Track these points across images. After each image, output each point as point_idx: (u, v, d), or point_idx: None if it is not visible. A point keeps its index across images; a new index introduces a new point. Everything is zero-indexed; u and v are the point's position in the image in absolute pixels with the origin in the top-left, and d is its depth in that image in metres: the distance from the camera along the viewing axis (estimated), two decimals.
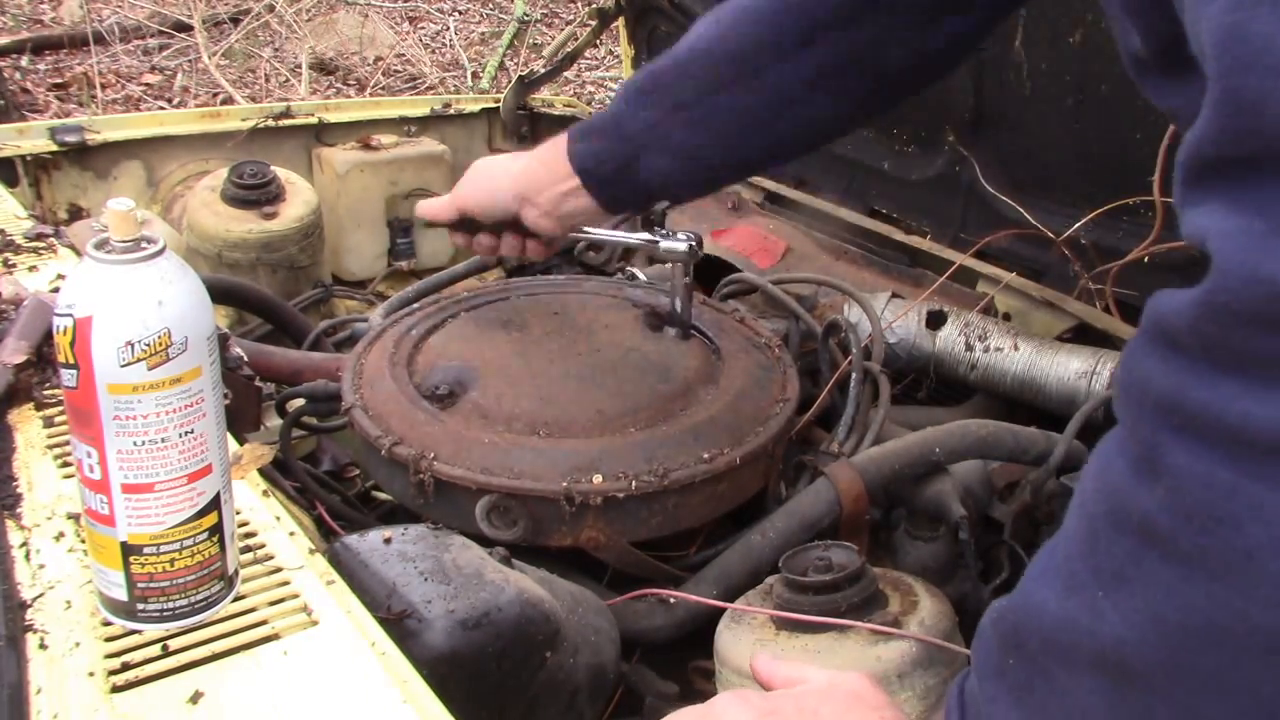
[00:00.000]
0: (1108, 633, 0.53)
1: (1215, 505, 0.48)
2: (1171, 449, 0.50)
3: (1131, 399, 0.53)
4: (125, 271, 0.74)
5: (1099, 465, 0.57)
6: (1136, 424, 0.53)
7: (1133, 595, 0.52)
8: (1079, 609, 0.55)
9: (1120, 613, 0.53)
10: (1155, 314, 0.52)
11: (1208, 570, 0.49)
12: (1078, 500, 0.59)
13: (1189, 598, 0.50)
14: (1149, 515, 0.51)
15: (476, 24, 6.87)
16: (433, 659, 0.88)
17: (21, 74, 5.52)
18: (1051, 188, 1.90)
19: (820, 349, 1.57)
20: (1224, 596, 0.48)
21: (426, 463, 1.17)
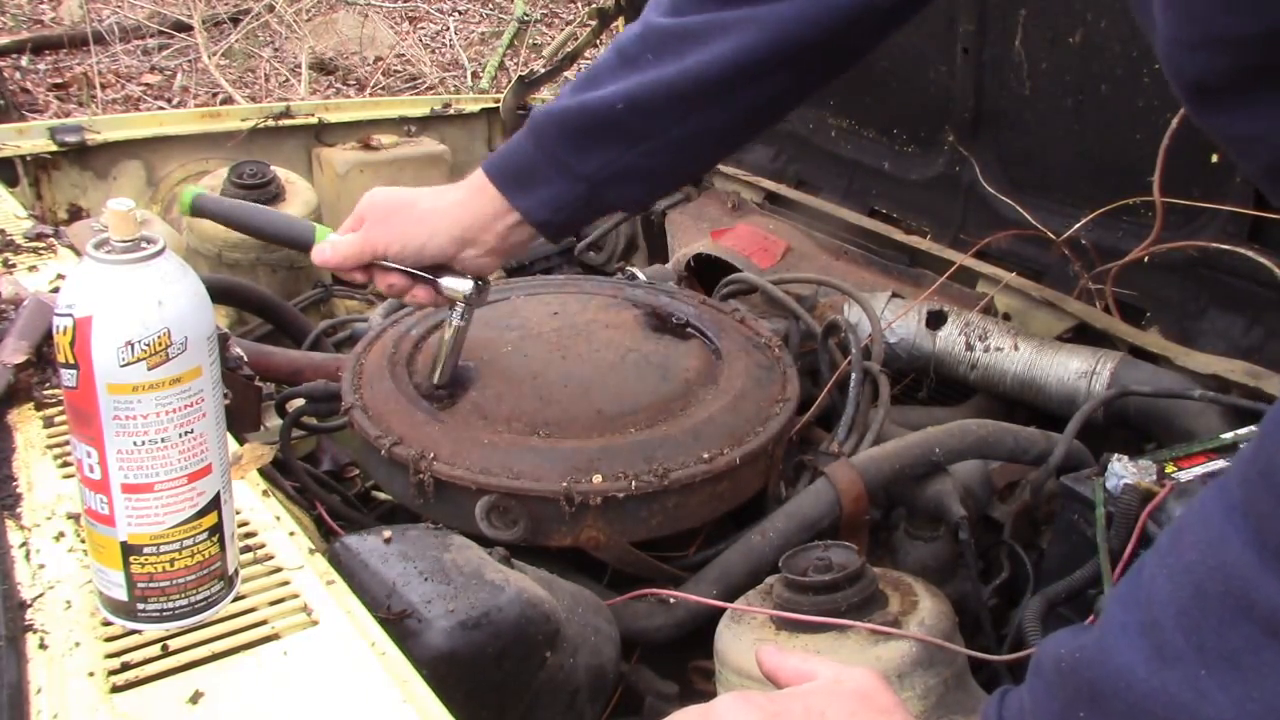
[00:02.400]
0: (1213, 715, 0.52)
1: None
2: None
3: (1273, 486, 0.50)
4: (125, 271, 0.74)
5: (1208, 535, 0.54)
6: (1274, 511, 0.50)
7: (1247, 683, 0.51)
8: (1178, 685, 0.53)
9: (1230, 697, 0.51)
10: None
11: None
12: (1176, 562, 0.56)
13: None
14: (1277, 610, 0.49)
15: (476, 24, 6.87)
16: (433, 659, 0.88)
17: (21, 74, 5.52)
18: (1051, 188, 1.90)
19: (820, 349, 1.57)
20: None
21: (426, 463, 1.17)
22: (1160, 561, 0.57)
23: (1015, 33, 1.77)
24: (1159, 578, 0.57)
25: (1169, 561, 0.57)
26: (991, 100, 1.88)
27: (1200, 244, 1.67)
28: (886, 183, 2.17)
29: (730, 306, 1.60)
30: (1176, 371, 1.54)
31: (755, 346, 1.45)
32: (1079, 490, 1.19)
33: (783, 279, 1.71)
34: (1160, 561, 0.57)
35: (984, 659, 1.00)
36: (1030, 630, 1.10)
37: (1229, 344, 1.65)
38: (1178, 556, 0.56)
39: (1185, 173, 1.67)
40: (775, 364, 1.42)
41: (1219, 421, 1.39)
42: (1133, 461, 1.17)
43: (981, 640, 1.28)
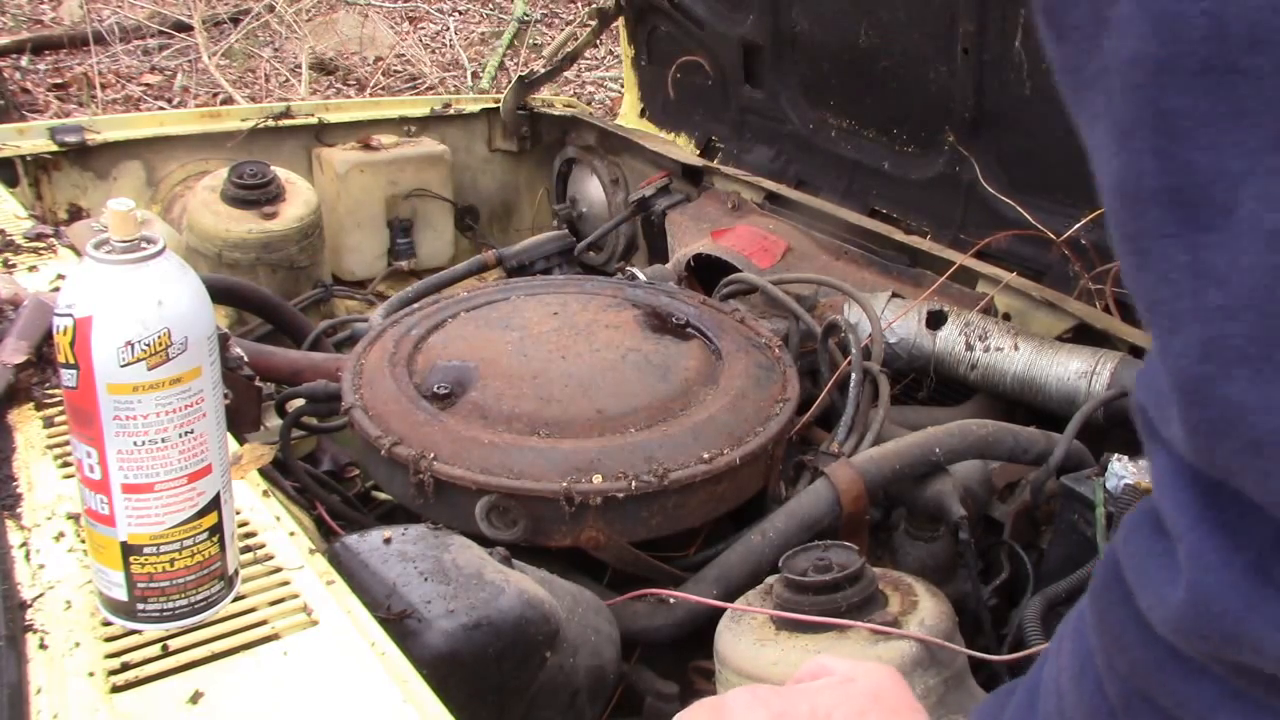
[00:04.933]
0: None
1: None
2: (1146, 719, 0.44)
3: (1104, 636, 0.46)
4: (125, 271, 0.74)
5: (1075, 667, 0.49)
6: (1110, 671, 0.46)
7: None
8: None
9: None
10: (1126, 567, 0.44)
11: None
12: (1050, 688, 0.51)
13: None
14: None
15: (476, 24, 6.87)
16: (433, 659, 0.88)
17: (21, 74, 5.52)
18: (1051, 188, 1.90)
19: (820, 349, 1.57)
20: None
21: (426, 463, 1.17)
22: (1040, 684, 0.53)
23: (1015, 33, 1.77)
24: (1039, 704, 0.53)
25: (1046, 685, 0.53)
26: (991, 100, 1.88)
27: None
28: (886, 183, 2.17)
29: (730, 306, 1.60)
30: None
31: (755, 346, 1.45)
32: (1079, 490, 1.19)
33: (783, 279, 1.71)
34: (1040, 684, 0.53)
35: (984, 659, 1.00)
36: (1030, 630, 1.10)
37: None
38: (1052, 680, 0.52)
39: None
40: (775, 364, 1.42)
41: None
42: (1133, 461, 1.17)
43: (981, 640, 1.28)
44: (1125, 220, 0.37)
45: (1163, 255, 0.36)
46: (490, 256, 2.11)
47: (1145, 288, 0.37)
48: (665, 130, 2.67)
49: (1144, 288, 0.38)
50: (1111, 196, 0.38)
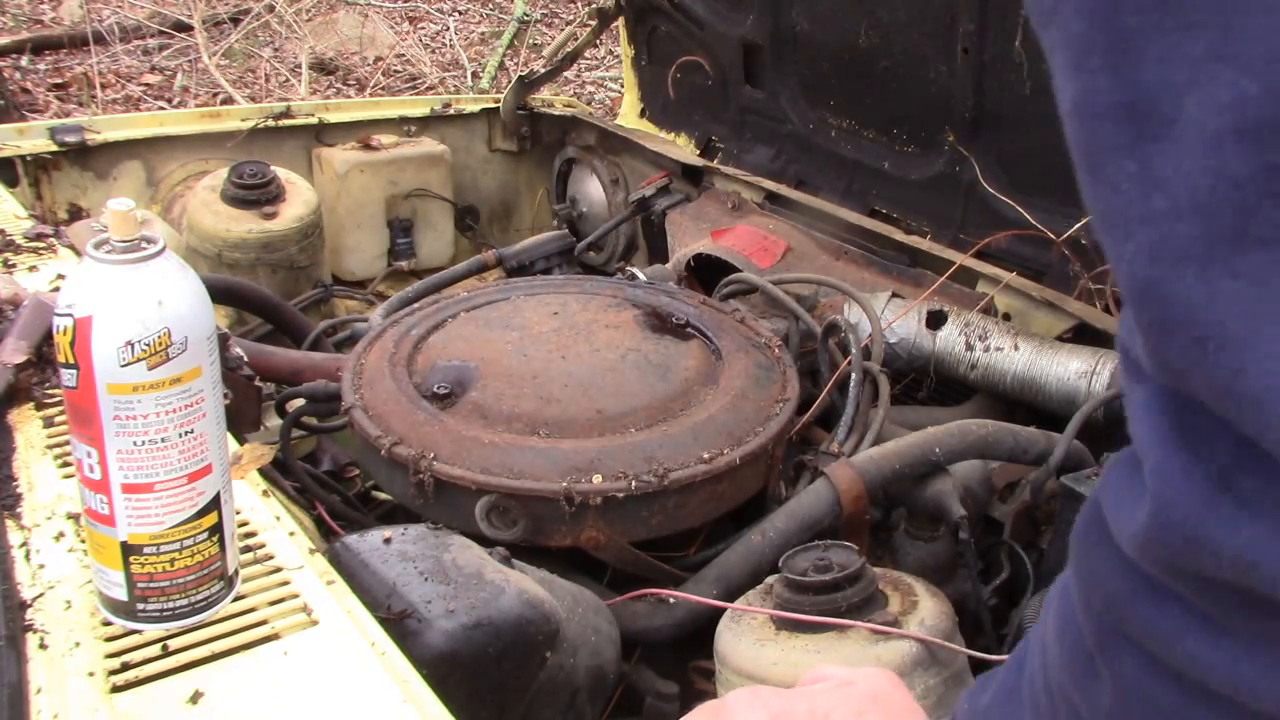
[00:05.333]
0: None
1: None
2: (1120, 655, 0.45)
3: (1082, 576, 0.48)
4: (125, 271, 0.74)
5: (1059, 623, 0.51)
6: (1087, 610, 0.48)
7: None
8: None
9: None
10: (1104, 504, 0.46)
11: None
12: (1043, 638, 0.53)
13: None
14: (1100, 710, 0.48)
15: (476, 24, 6.87)
16: (433, 659, 0.88)
17: (21, 74, 5.52)
18: (1051, 188, 1.90)
19: (820, 349, 1.57)
20: None
21: (426, 463, 1.17)
22: (1044, 632, 0.55)
23: (1015, 33, 1.77)
24: (1033, 653, 0.55)
25: (1047, 631, 0.54)
26: (991, 100, 1.88)
27: None
28: (886, 183, 2.17)
29: (730, 306, 1.60)
30: None
31: (755, 346, 1.45)
32: (1079, 490, 1.19)
33: (783, 279, 1.71)
34: (1044, 632, 0.55)
35: (984, 659, 1.00)
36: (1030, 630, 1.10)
37: None
38: (1046, 628, 0.54)
39: None
40: (775, 364, 1.42)
41: None
42: None
43: (981, 640, 1.28)
44: (1081, 139, 0.40)
45: (1115, 168, 0.38)
46: (490, 256, 2.11)
47: (1100, 201, 0.40)
48: (665, 130, 2.67)
49: (1099, 202, 0.40)
50: (1069, 120, 0.41)
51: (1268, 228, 0.35)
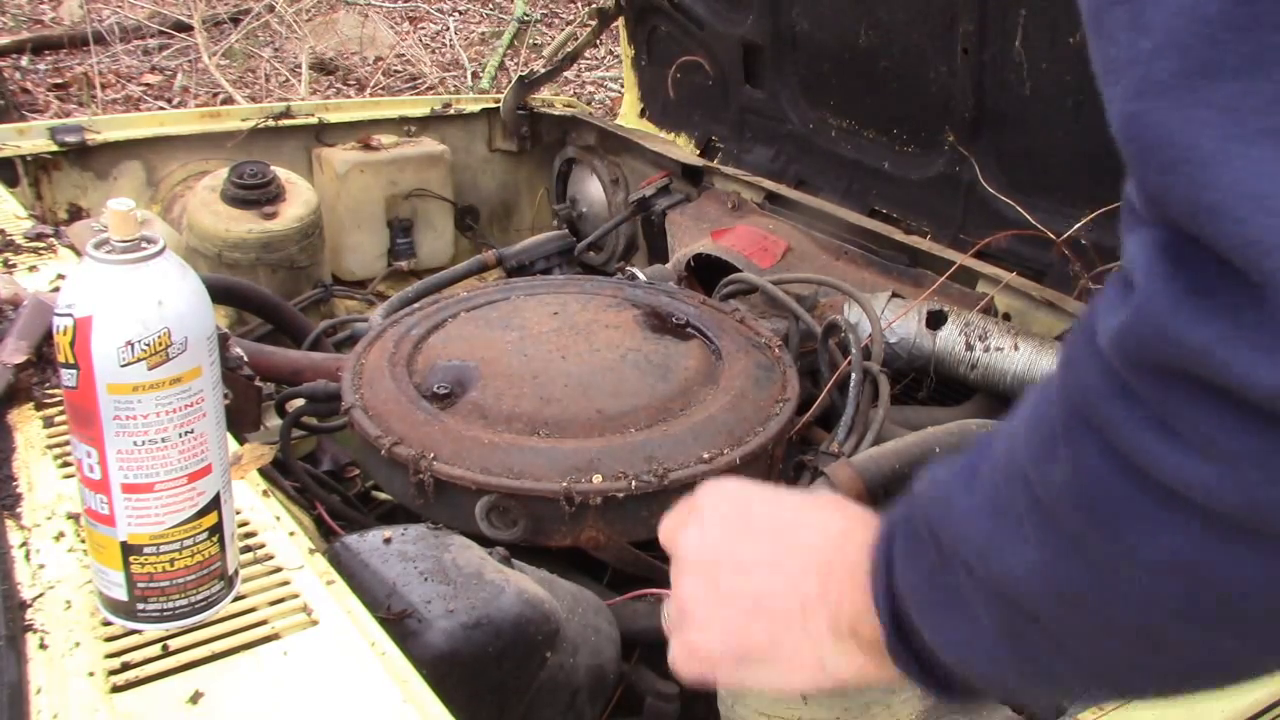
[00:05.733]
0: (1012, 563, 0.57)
1: (1106, 504, 0.51)
2: (1082, 441, 0.51)
3: (1064, 370, 0.55)
4: (125, 271, 0.74)
5: (1032, 412, 0.58)
6: (1063, 393, 0.55)
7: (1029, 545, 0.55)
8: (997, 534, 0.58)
9: (1022, 553, 0.56)
10: (1094, 314, 0.52)
11: (1086, 557, 0.52)
12: (1021, 423, 0.60)
13: (1068, 569, 0.53)
14: (1051, 485, 0.54)
15: (476, 24, 6.87)
16: (433, 659, 0.88)
17: (21, 74, 5.52)
18: (1051, 188, 1.90)
19: (820, 349, 1.57)
20: (1096, 582, 0.52)
21: (426, 463, 1.17)
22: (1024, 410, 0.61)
23: (1015, 33, 1.77)
24: (1004, 437, 0.61)
25: (1025, 413, 0.61)
26: (991, 100, 1.88)
27: None
28: (886, 183, 2.17)
29: (730, 306, 1.60)
30: None
31: (755, 346, 1.45)
32: None
33: (783, 279, 1.71)
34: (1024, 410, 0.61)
35: None
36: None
37: None
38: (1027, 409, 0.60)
39: None
40: (775, 364, 1.42)
41: None
42: None
43: None
44: (1090, 4, 0.47)
45: (1113, 20, 0.45)
46: (490, 256, 2.11)
47: (1100, 54, 0.46)
48: (665, 130, 2.67)
49: (1100, 55, 0.46)
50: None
51: (1235, 60, 0.40)
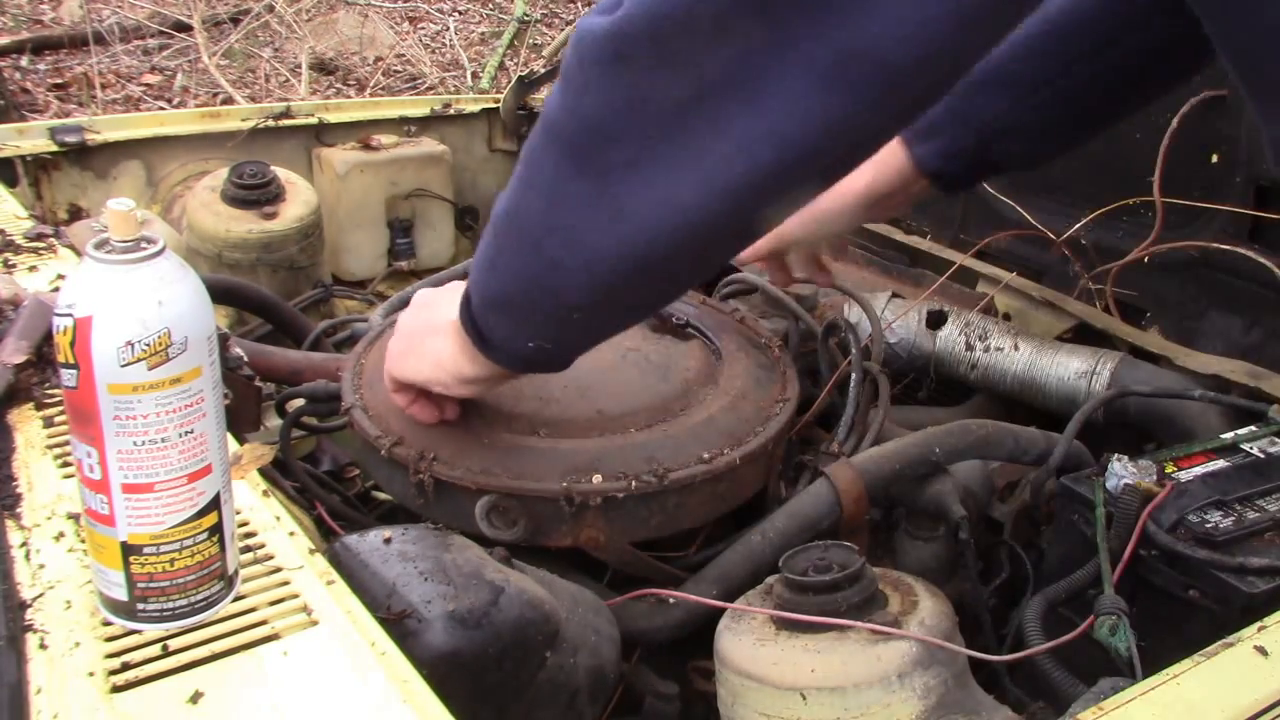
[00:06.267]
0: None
1: (530, 167, 0.84)
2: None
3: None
4: (125, 271, 0.74)
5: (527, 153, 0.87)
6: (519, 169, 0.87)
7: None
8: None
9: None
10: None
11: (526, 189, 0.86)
12: None
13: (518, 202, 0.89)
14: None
15: (476, 24, 6.87)
16: (433, 659, 0.88)
17: (21, 74, 5.52)
18: (1051, 188, 1.90)
19: (820, 349, 1.57)
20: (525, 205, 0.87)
21: (426, 463, 1.17)
22: None
23: None
24: None
25: None
26: None
27: (1200, 244, 1.67)
28: None
29: (730, 306, 1.60)
30: (1176, 371, 1.54)
31: (755, 346, 1.45)
32: (1079, 490, 1.19)
33: None
34: None
35: (984, 659, 1.00)
36: (1030, 630, 1.10)
37: (1229, 344, 1.65)
38: None
39: (1185, 173, 1.67)
40: (775, 364, 1.42)
41: (1219, 421, 1.39)
42: (1133, 461, 1.17)
43: (981, 640, 1.28)
44: None
45: None
46: None
47: None
48: None
49: None
50: None
51: None
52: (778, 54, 0.68)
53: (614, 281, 0.85)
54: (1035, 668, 1.08)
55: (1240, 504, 1.13)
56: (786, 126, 0.70)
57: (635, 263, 0.82)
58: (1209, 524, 1.09)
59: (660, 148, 0.74)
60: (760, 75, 0.69)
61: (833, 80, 0.69)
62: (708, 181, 0.74)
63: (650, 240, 0.79)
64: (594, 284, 0.85)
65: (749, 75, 0.70)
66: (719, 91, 0.71)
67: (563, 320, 0.91)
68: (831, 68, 0.68)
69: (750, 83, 0.70)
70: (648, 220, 0.78)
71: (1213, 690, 0.83)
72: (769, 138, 0.71)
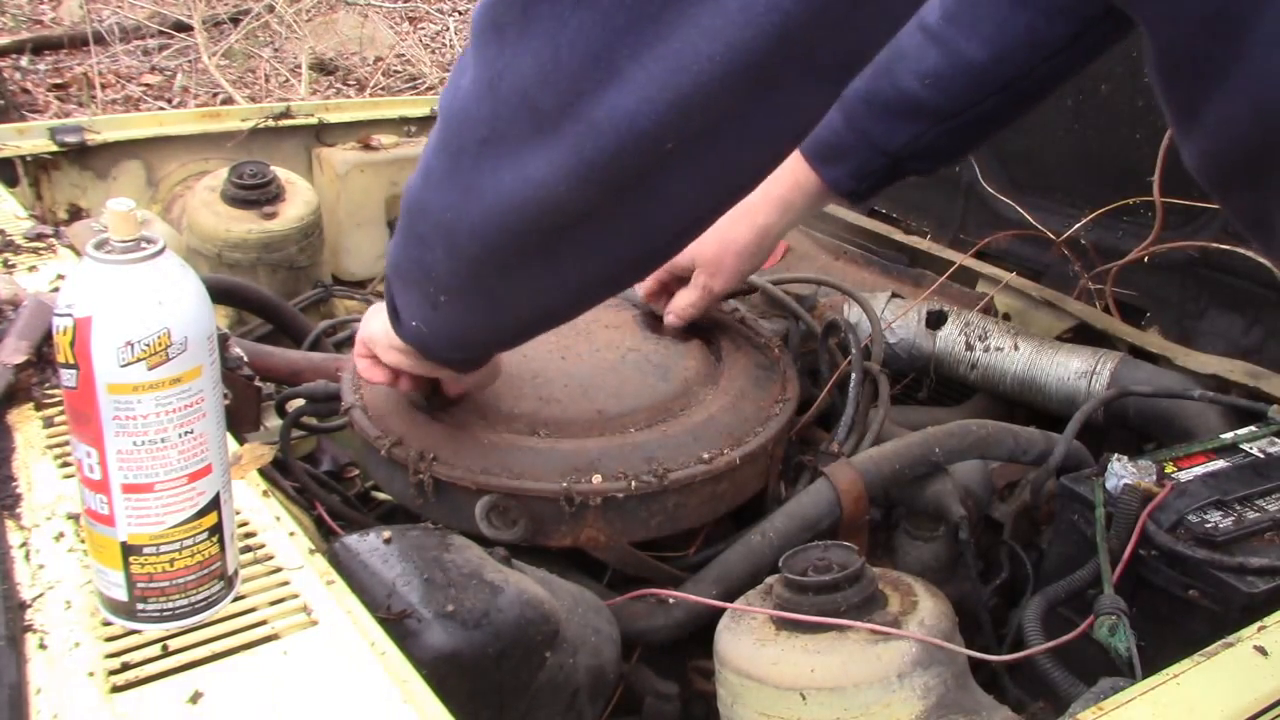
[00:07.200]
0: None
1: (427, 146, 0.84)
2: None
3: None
4: (125, 271, 0.74)
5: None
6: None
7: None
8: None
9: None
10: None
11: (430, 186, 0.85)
12: None
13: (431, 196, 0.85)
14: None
15: None
16: (433, 659, 0.88)
17: (21, 74, 5.52)
18: (1051, 188, 1.90)
19: (820, 349, 1.57)
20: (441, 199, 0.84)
21: (426, 463, 1.17)
22: None
23: None
24: None
25: None
26: None
27: (1200, 244, 1.67)
28: None
29: (730, 306, 1.60)
30: (1176, 371, 1.54)
31: (755, 346, 1.45)
32: (1079, 490, 1.19)
33: (783, 279, 1.71)
34: None
35: (984, 659, 1.00)
36: (1030, 630, 1.10)
37: (1229, 344, 1.65)
38: None
39: (1185, 173, 1.66)
40: (775, 364, 1.42)
41: (1219, 421, 1.39)
42: (1133, 461, 1.17)
43: (981, 640, 1.28)
44: None
45: None
46: None
47: None
48: None
49: None
50: None
51: None
52: (632, 37, 0.65)
53: (472, 263, 0.83)
54: (1035, 668, 1.08)
55: (1240, 504, 1.13)
56: (634, 109, 0.67)
57: (485, 244, 0.80)
58: (1209, 524, 1.09)
59: (512, 126, 0.72)
60: (613, 60, 0.66)
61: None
62: (554, 159, 0.71)
63: (498, 219, 0.77)
64: (454, 265, 0.84)
65: (606, 55, 0.67)
66: (573, 68, 0.68)
67: (434, 303, 0.91)
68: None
69: (605, 62, 0.67)
70: (497, 198, 0.76)
71: (1213, 690, 0.83)
72: (613, 119, 0.68)
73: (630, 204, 0.75)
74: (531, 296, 0.89)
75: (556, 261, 0.81)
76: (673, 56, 0.64)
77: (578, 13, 0.66)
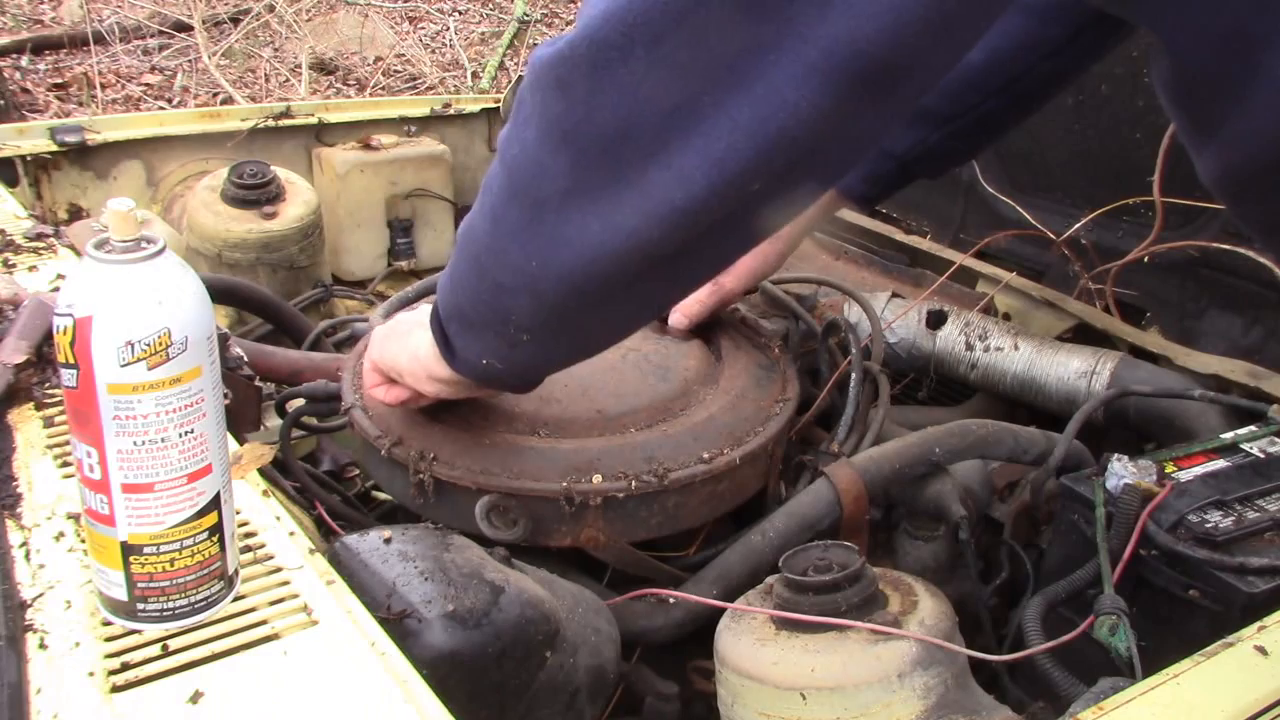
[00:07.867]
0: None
1: (484, 189, 0.87)
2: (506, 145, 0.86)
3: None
4: (125, 271, 0.74)
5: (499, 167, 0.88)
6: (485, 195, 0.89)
7: None
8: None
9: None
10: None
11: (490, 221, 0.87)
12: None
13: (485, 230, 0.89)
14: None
15: (476, 24, 6.87)
16: (433, 659, 0.88)
17: (21, 74, 5.52)
18: (1051, 188, 1.90)
19: (820, 349, 1.57)
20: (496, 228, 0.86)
21: (426, 463, 1.17)
22: None
23: None
24: None
25: None
26: None
27: (1200, 244, 1.67)
28: None
29: (730, 306, 1.60)
30: (1176, 371, 1.54)
31: (755, 346, 1.45)
32: (1079, 490, 1.19)
33: (783, 279, 1.71)
34: None
35: (984, 659, 1.00)
36: (1030, 630, 1.10)
37: (1229, 344, 1.65)
38: None
39: (1185, 173, 1.66)
40: (775, 364, 1.42)
41: (1219, 421, 1.39)
42: (1133, 461, 1.17)
43: (981, 640, 1.28)
44: None
45: None
46: None
47: None
48: None
49: None
50: None
51: None
52: (714, 88, 0.69)
53: (558, 307, 0.86)
54: (1035, 668, 1.08)
55: (1240, 504, 1.13)
56: (723, 155, 0.71)
57: (574, 289, 0.83)
58: (1209, 524, 1.09)
59: (595, 176, 0.75)
60: (697, 110, 0.70)
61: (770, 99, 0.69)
62: (645, 207, 0.75)
63: (587, 267, 0.81)
64: (538, 308, 0.87)
65: (689, 106, 0.70)
66: (655, 120, 0.72)
67: (513, 342, 0.93)
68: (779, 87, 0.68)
69: (688, 112, 0.71)
70: (585, 247, 0.79)
71: (1213, 690, 0.83)
72: (704, 167, 0.72)
73: (716, 239, 0.79)
74: (616, 324, 0.95)
75: (643, 293, 0.86)
76: (759, 103, 0.67)
77: (653, 70, 0.68)
